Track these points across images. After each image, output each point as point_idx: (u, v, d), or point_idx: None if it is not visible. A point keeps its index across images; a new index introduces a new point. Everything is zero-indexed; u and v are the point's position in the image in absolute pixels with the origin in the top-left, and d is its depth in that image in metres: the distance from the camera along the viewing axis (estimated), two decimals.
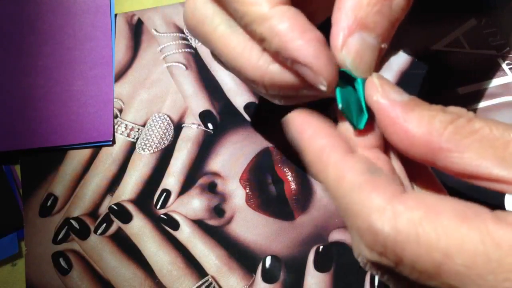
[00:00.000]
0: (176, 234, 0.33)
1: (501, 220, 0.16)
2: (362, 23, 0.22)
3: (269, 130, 0.36)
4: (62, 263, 0.33)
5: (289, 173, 0.34)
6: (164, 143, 0.36)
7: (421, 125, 0.19)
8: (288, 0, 0.22)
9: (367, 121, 0.22)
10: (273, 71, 0.23)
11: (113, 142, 0.36)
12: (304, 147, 0.21)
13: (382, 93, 0.21)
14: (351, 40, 0.22)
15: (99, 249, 0.33)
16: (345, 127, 0.23)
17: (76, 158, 0.36)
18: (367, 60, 0.22)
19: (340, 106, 0.22)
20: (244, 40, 0.24)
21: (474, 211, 0.17)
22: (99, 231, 0.33)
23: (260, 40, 0.23)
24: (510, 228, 0.16)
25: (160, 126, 0.37)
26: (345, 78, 0.22)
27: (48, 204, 0.34)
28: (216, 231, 0.33)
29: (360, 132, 0.22)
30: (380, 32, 0.22)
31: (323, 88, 0.21)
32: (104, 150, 0.36)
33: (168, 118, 0.37)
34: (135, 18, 0.41)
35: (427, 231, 0.16)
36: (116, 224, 0.34)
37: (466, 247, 0.16)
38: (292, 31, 0.21)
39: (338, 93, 0.22)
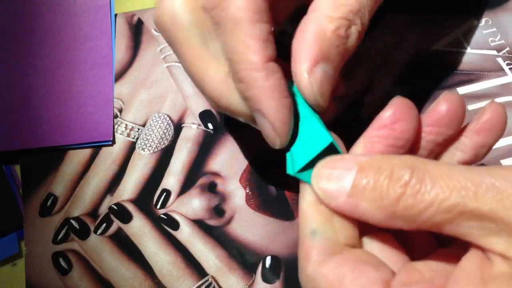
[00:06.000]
0: (176, 234, 0.33)
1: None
2: (324, 55, 0.24)
3: None
4: (62, 263, 0.33)
5: None
6: (164, 143, 0.36)
7: (372, 213, 0.21)
8: (275, 57, 0.24)
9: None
10: (232, 98, 0.25)
11: (113, 142, 0.36)
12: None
13: (322, 197, 0.22)
14: (316, 70, 0.23)
15: (99, 249, 0.33)
16: None
17: (76, 158, 0.36)
18: (327, 89, 0.24)
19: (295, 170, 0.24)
20: (214, 59, 0.25)
21: (371, 280, 0.20)
22: (99, 231, 0.33)
23: (238, 79, 0.24)
24: None
25: (160, 126, 0.37)
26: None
27: (48, 204, 0.34)
28: (216, 231, 0.33)
29: None
30: (336, 65, 0.24)
31: (276, 146, 0.24)
32: (104, 150, 0.36)
33: (168, 118, 0.37)
34: (135, 18, 0.41)
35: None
36: (116, 224, 0.34)
37: None
38: (273, 92, 0.23)
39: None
